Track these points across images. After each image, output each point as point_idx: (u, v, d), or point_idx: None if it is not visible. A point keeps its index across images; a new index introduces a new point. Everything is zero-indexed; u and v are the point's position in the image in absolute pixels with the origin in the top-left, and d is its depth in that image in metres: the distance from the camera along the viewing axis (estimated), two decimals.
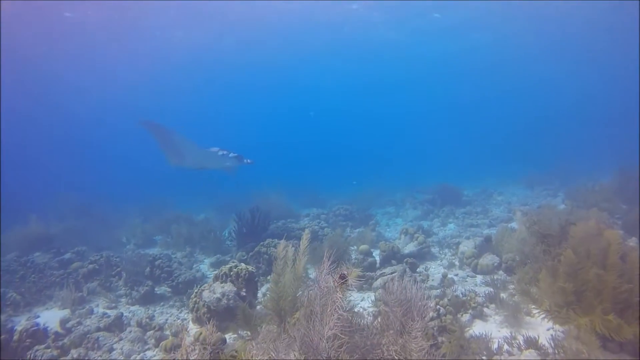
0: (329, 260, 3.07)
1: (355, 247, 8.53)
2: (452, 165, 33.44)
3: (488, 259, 6.88)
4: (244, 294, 5.71)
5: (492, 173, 25.01)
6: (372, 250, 8.38)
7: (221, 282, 5.74)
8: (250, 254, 8.38)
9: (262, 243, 8.41)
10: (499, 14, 22.89)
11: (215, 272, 6.02)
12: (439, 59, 32.78)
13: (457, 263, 7.47)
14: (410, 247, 8.09)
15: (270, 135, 64.20)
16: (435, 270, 7.41)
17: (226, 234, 11.04)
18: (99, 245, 11.32)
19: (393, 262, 7.72)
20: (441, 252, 8.58)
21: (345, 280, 2.80)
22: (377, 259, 7.82)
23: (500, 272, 6.69)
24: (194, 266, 9.07)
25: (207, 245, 10.21)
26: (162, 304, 6.99)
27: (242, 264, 5.89)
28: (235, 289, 5.64)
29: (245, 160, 8.59)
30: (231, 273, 5.78)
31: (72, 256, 9.33)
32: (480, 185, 20.03)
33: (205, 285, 5.72)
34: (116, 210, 15.82)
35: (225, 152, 8.41)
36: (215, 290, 5.53)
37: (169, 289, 7.49)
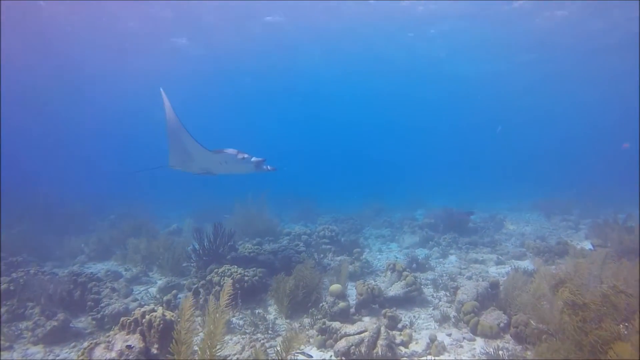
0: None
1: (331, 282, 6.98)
2: (462, 185, 31.82)
3: (492, 317, 5.28)
4: (156, 351, 4.22)
5: (504, 196, 23.31)
6: (348, 289, 6.85)
7: (127, 333, 4.27)
8: (202, 282, 6.92)
9: (216, 270, 6.94)
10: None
11: (129, 316, 4.53)
12: (461, 79, 31.57)
13: (452, 315, 5.86)
14: (396, 289, 6.51)
15: (281, 140, 63.37)
16: (423, 323, 5.81)
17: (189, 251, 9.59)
18: (48, 254, 9.99)
19: (373, 306, 6.17)
20: (435, 294, 6.97)
21: None
22: (353, 301, 6.28)
23: (508, 337, 5.07)
24: (136, 290, 7.62)
25: (164, 264, 8.77)
26: (73, 344, 5.51)
27: (159, 309, 4.40)
28: (143, 344, 4.15)
29: (265, 167, 7.20)
30: (143, 320, 4.30)
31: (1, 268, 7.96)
32: (491, 209, 18.38)
33: (104, 337, 4.24)
34: (88, 212, 14.53)
35: (245, 156, 7.05)
36: (114, 346, 4.05)
37: (94, 322, 6.04)
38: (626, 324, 3.52)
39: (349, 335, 4.68)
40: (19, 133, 41.52)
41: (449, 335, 5.30)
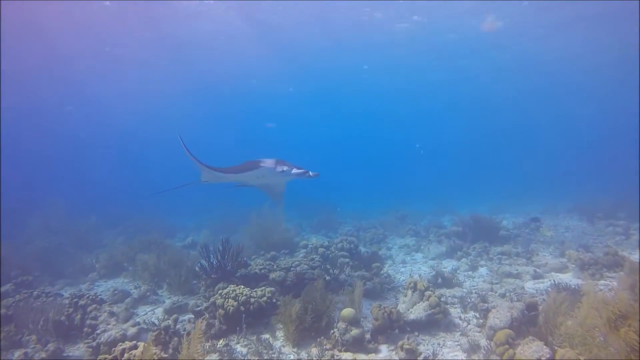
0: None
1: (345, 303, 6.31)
2: (491, 189, 30.32)
3: (531, 350, 4.46)
4: None
5: (536, 198, 21.82)
6: (365, 309, 6.18)
7: None
8: (205, 304, 6.43)
9: (221, 291, 6.43)
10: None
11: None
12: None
13: (483, 344, 5.07)
14: (417, 312, 5.77)
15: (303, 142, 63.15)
16: (449, 353, 5.04)
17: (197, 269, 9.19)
18: (62, 271, 9.84)
19: (392, 332, 5.46)
20: (463, 316, 6.16)
21: None
22: (369, 325, 5.60)
23: None
24: (142, 311, 7.24)
25: (172, 282, 8.38)
26: None
27: (140, 346, 3.90)
28: None
29: (307, 175, 6.50)
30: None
31: (9, 289, 7.80)
32: (523, 213, 17.13)
33: None
34: (103, 225, 14.50)
35: (285, 168, 6.45)
36: None
37: (89, 350, 5.66)
38: None
39: None
40: (24, 143, 43.09)
41: None
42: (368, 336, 5.39)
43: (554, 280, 7.03)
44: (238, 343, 5.70)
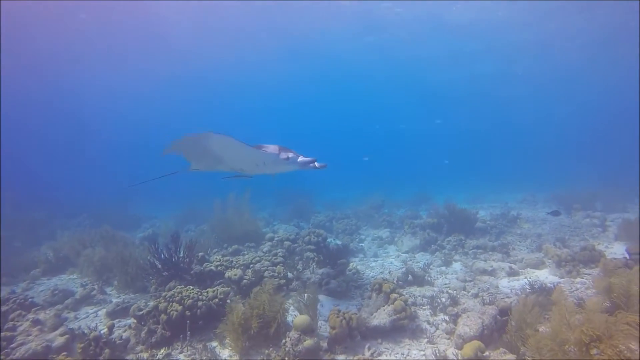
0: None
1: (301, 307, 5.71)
2: (471, 177, 30.25)
3: None
4: None
5: (516, 188, 21.70)
6: (323, 315, 5.61)
7: None
8: (147, 309, 5.74)
9: (164, 294, 5.75)
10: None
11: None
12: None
13: (451, 355, 4.56)
14: (381, 317, 5.22)
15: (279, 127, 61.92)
16: None
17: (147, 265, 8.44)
18: (7, 268, 8.93)
19: (353, 340, 4.90)
20: (432, 319, 5.64)
21: None
22: (326, 335, 5.03)
23: None
24: (83, 314, 6.50)
25: (122, 279, 7.64)
26: None
27: None
28: None
29: (312, 165, 5.64)
30: None
31: None
32: (501, 201, 16.90)
33: None
34: (62, 216, 13.53)
35: (290, 155, 5.57)
36: None
37: None
38: None
39: None
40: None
41: None
42: (325, 345, 4.83)
43: (529, 279, 6.61)
44: (181, 352, 5.07)
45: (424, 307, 6.08)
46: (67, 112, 38.73)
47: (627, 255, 6.59)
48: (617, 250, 8.22)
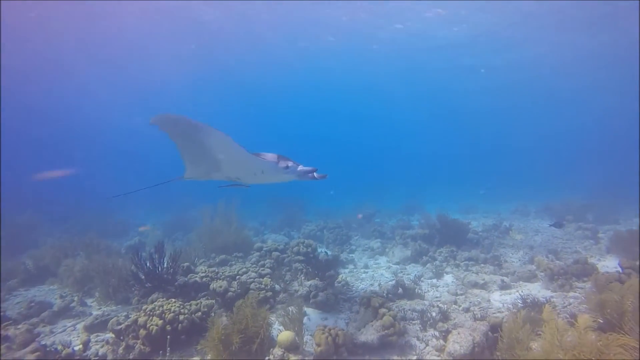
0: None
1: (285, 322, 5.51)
2: (464, 187, 30.28)
3: None
4: None
5: (508, 198, 21.72)
6: (310, 329, 5.41)
7: None
8: (126, 323, 5.50)
9: (144, 307, 5.52)
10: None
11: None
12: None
13: None
14: (369, 333, 5.04)
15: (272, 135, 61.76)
16: None
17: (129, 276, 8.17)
18: None
19: (339, 358, 4.71)
20: (422, 335, 5.47)
21: None
22: (311, 351, 4.84)
23: None
24: (60, 327, 6.23)
25: (103, 290, 7.38)
26: None
27: None
28: None
29: (310, 175, 5.43)
30: None
31: None
32: (493, 211, 16.86)
33: None
34: (52, 223, 13.21)
35: (290, 164, 5.34)
36: None
37: None
38: None
39: None
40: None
41: None
42: None
43: (521, 293, 6.47)
44: None
45: (413, 322, 5.90)
46: (58, 115, 38.24)
47: (619, 269, 6.49)
48: (609, 264, 8.14)
